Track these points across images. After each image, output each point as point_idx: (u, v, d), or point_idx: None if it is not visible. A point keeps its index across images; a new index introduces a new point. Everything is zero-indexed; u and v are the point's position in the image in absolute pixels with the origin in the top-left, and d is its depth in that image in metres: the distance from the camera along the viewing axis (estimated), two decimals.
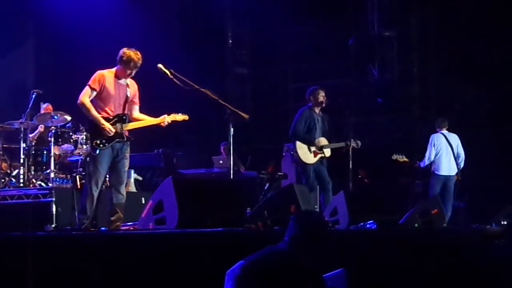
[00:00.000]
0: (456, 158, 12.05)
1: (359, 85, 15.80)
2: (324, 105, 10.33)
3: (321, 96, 10.30)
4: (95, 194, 7.72)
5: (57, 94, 11.78)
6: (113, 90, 7.84)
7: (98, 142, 7.72)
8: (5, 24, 13.57)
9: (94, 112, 7.76)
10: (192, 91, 7.69)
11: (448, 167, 12.07)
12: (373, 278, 6.07)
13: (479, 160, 13.23)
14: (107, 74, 7.86)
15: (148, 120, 8.11)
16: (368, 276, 5.91)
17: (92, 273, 5.96)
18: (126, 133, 7.92)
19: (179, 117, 8.23)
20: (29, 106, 10.18)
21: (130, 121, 7.96)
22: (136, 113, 8.09)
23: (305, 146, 10.19)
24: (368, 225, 7.88)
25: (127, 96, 7.95)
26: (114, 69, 7.91)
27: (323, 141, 10.27)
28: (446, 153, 12.07)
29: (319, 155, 10.19)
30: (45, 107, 10.94)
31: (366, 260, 6.35)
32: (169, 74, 7.68)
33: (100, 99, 7.82)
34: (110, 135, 7.73)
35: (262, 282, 4.27)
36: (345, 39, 15.66)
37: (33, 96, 10.20)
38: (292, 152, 10.68)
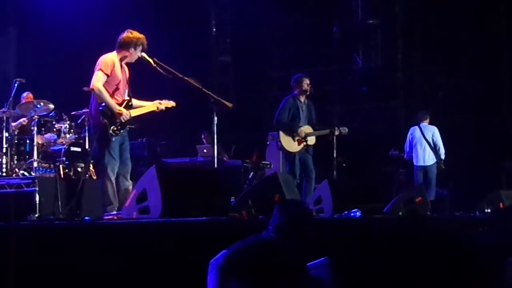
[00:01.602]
0: (434, 148, 12.31)
1: (343, 73, 15.84)
2: (308, 93, 10.31)
3: (305, 84, 10.27)
4: (114, 180, 7.51)
5: (39, 82, 11.69)
6: (120, 75, 7.65)
7: (115, 128, 7.48)
8: None
9: (109, 97, 7.48)
10: (175, 79, 7.63)
11: (423, 157, 12.38)
12: (357, 267, 6.08)
13: (463, 148, 13.29)
14: (115, 58, 7.62)
15: (146, 107, 7.92)
16: (352, 264, 5.91)
17: (75, 263, 5.92)
18: None
19: (169, 103, 8.09)
20: (11, 95, 10.08)
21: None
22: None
23: (288, 135, 10.17)
24: (352, 214, 7.89)
25: (127, 80, 7.81)
26: (115, 53, 7.68)
27: (307, 129, 10.24)
28: (420, 144, 12.42)
29: (303, 143, 10.16)
30: (26, 96, 10.86)
31: (350, 249, 6.36)
32: (152, 62, 7.62)
33: (108, 85, 7.55)
34: (125, 120, 7.53)
35: (246, 271, 4.26)
36: (329, 27, 15.66)
37: (16, 85, 10.08)
38: (277, 141, 10.66)
